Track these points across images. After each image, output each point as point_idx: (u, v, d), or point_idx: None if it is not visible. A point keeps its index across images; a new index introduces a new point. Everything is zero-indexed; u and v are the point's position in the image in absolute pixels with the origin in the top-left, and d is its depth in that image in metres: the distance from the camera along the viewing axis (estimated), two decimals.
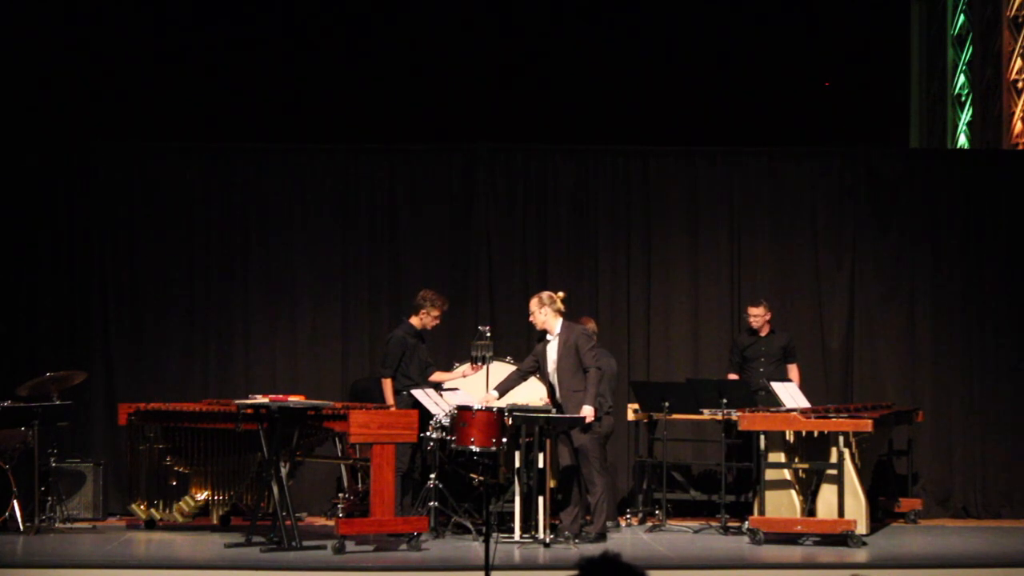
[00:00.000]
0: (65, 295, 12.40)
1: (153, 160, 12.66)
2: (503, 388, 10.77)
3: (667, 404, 11.40)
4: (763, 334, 12.16)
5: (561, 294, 10.80)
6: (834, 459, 10.64)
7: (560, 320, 10.66)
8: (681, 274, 12.82)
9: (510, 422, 10.48)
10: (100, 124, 14.17)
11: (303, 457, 10.98)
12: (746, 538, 10.69)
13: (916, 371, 12.76)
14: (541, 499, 10.42)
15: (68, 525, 11.17)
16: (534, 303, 10.70)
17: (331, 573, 9.49)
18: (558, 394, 10.63)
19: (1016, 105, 16.56)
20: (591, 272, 12.76)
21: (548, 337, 10.68)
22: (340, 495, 11.49)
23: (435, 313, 11.22)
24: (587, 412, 10.38)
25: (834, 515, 10.59)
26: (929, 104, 19.43)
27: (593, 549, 8.18)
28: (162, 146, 12.85)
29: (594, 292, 12.71)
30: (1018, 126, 16.52)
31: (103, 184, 12.52)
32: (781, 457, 10.72)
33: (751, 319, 12.13)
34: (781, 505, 10.69)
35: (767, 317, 12.15)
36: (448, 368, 11.54)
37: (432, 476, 10.65)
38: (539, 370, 10.80)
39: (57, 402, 11.14)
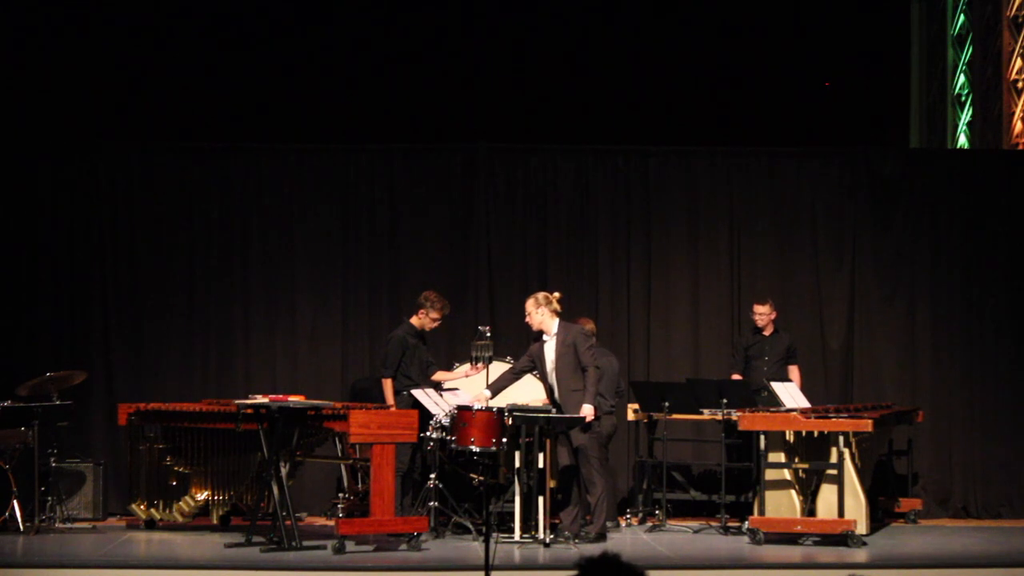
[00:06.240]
0: (65, 295, 12.40)
1: (153, 160, 12.66)
2: (496, 387, 10.76)
3: (667, 404, 11.40)
4: (767, 333, 12.17)
5: (557, 294, 10.79)
6: (834, 459, 10.64)
7: (557, 320, 10.66)
8: (681, 274, 12.81)
9: (510, 422, 10.48)
10: (100, 124, 14.16)
11: (303, 457, 10.97)
12: (746, 538, 10.69)
13: (916, 371, 12.76)
14: (541, 499, 10.42)
15: (68, 525, 11.17)
16: (530, 304, 10.69)
17: (331, 573, 9.49)
18: (556, 394, 10.63)
19: (1016, 105, 16.55)
20: (591, 272, 12.76)
21: (544, 337, 10.67)
22: (340, 495, 11.49)
23: (434, 315, 11.21)
24: (587, 411, 10.39)
25: (834, 515, 10.58)
26: (929, 104, 19.41)
27: (593, 549, 8.18)
28: (162, 146, 12.85)
29: (594, 292, 12.70)
30: (1018, 126, 16.51)
31: (103, 184, 12.52)
32: (781, 457, 10.72)
33: (756, 317, 12.14)
34: (781, 505, 10.69)
35: (772, 316, 12.15)
36: (448, 368, 11.54)
37: (432, 476, 10.65)
38: (534, 369, 10.80)
39: (57, 402, 11.14)
